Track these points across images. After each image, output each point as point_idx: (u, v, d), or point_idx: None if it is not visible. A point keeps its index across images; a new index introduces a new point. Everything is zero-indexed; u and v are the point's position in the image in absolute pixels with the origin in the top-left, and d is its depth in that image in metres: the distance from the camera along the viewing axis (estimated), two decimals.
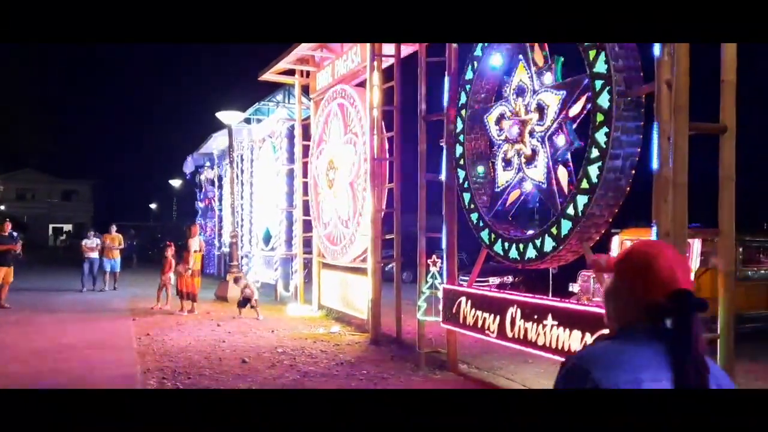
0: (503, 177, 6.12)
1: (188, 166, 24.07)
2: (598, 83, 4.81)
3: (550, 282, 10.23)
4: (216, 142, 19.41)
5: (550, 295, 9.11)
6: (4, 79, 25.93)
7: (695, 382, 1.28)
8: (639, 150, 4.73)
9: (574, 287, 10.45)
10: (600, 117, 4.78)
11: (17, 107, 27.18)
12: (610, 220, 4.96)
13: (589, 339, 4.77)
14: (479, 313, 6.25)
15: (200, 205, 23.83)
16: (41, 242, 45.49)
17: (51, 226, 54.52)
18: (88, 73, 65.03)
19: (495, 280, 12.27)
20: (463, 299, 6.55)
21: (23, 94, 27.32)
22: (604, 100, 4.76)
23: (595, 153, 4.82)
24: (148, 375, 6.49)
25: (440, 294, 6.98)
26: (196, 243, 11.57)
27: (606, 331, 1.54)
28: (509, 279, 12.24)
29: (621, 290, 1.40)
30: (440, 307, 6.97)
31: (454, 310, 6.67)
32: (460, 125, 6.67)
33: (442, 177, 7.09)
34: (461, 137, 6.65)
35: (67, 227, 49.76)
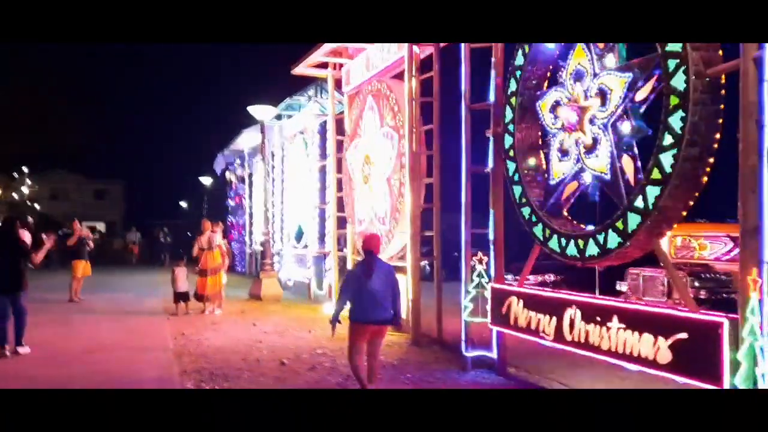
0: (559, 168, 5.71)
1: (218, 164, 24.08)
2: (672, 63, 4.38)
3: (596, 280, 9.75)
4: (245, 139, 19.28)
5: (597, 293, 8.65)
6: (35, 82, 26.32)
7: (365, 273, 5.26)
8: (718, 136, 4.30)
9: (622, 286, 9.95)
10: (674, 100, 4.35)
11: (50, 109, 27.55)
12: (684, 213, 4.54)
13: (662, 343, 4.36)
14: (532, 314, 5.86)
15: (231, 203, 23.81)
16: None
17: (84, 224, 55.31)
18: (119, 74, 65.88)
19: (536, 279, 11.78)
20: (514, 299, 6.16)
21: (55, 96, 27.68)
22: (678, 82, 4.32)
23: (668, 140, 4.39)
24: (185, 377, 6.28)
25: (487, 293, 6.61)
26: (204, 240, 11.04)
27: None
28: (551, 277, 11.72)
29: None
30: (487, 307, 6.60)
31: (503, 311, 6.29)
32: (509, 114, 6.28)
33: (488, 169, 6.71)
34: (510, 127, 6.26)
35: (100, 225, 50.70)
